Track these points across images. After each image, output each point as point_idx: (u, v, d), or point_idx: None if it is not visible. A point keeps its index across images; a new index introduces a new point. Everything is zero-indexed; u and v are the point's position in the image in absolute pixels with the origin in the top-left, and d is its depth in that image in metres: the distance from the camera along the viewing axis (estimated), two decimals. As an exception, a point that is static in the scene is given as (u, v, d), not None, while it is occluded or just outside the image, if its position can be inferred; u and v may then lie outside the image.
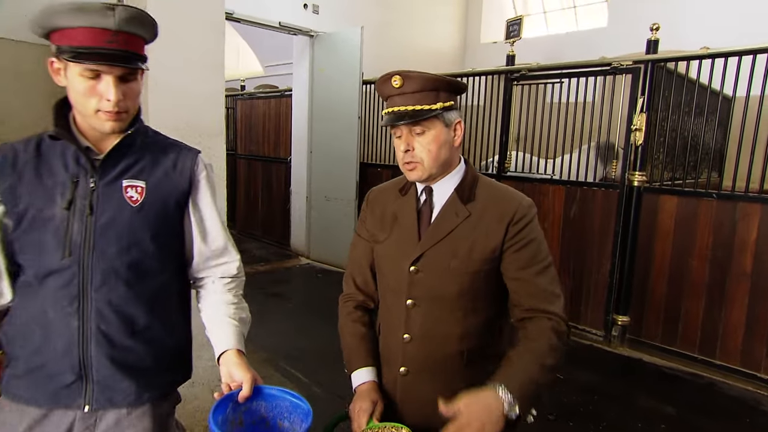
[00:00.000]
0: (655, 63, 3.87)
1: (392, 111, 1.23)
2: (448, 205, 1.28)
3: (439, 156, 1.24)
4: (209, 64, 2.20)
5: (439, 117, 1.22)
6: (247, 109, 8.02)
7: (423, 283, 1.27)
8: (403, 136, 1.24)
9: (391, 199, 1.39)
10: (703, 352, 3.74)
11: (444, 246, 1.25)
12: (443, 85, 1.22)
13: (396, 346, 1.32)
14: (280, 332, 4.24)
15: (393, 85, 1.22)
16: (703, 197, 3.70)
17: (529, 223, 1.25)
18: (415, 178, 1.27)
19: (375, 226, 1.39)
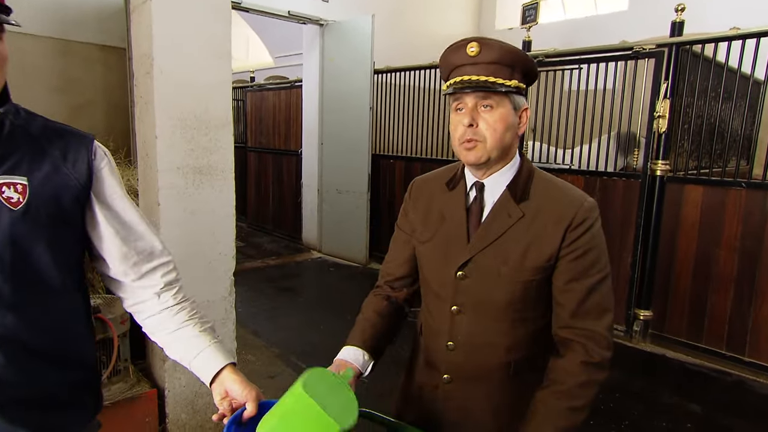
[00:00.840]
0: (679, 46, 3.75)
1: (460, 80, 1.13)
2: (500, 204, 1.19)
3: (504, 139, 1.14)
4: (215, 52, 2.16)
5: (510, 96, 1.13)
6: (257, 100, 8.00)
7: (470, 289, 1.20)
8: (467, 109, 1.14)
9: (437, 193, 1.29)
10: (731, 349, 3.64)
11: (494, 250, 1.17)
12: (520, 63, 1.13)
13: (439, 352, 1.27)
14: (291, 327, 4.22)
15: (468, 53, 1.12)
16: (731, 186, 3.59)
17: (590, 228, 1.14)
18: (473, 160, 1.15)
19: (418, 221, 1.31)
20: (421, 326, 1.36)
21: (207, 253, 2.25)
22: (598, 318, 1.13)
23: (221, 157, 2.21)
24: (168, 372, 2.27)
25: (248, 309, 4.53)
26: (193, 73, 2.11)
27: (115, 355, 2.20)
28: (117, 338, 2.18)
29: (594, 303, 1.13)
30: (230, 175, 2.25)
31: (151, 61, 2.04)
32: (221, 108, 2.19)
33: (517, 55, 1.12)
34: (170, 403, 2.31)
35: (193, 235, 2.20)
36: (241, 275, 5.89)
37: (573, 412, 1.10)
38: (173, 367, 2.27)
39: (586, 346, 1.12)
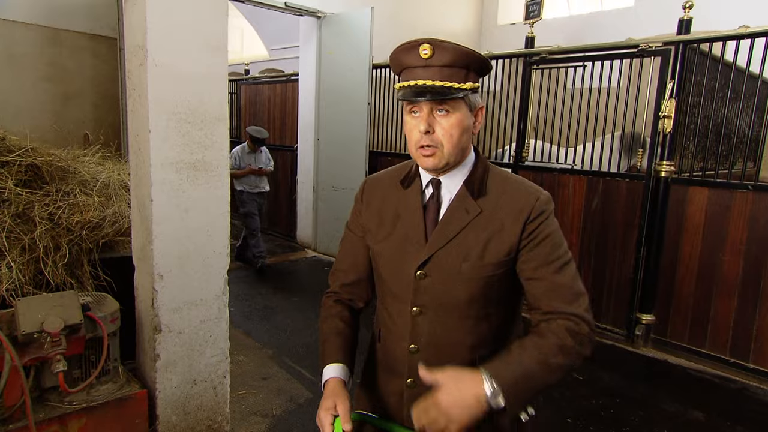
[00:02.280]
0: (687, 44, 3.77)
1: (413, 84, 1.12)
2: (458, 201, 1.20)
3: (461, 142, 1.15)
4: (212, 45, 2.16)
5: (466, 99, 1.14)
6: (252, 94, 7.99)
7: (430, 289, 1.20)
8: (422, 114, 1.13)
9: (391, 192, 1.29)
10: (734, 355, 3.67)
11: (453, 247, 1.18)
12: (475, 63, 1.13)
13: (401, 356, 1.26)
14: (285, 328, 4.23)
15: (420, 55, 1.11)
16: (738, 189, 3.61)
17: (547, 218, 1.17)
18: (430, 166, 1.17)
19: (372, 221, 1.31)
20: (379, 332, 1.35)
21: (201, 251, 2.25)
22: (572, 302, 1.14)
23: (216, 153, 2.21)
24: (159, 372, 2.28)
25: (241, 309, 4.53)
26: (188, 66, 2.11)
27: (105, 355, 2.20)
28: (107, 337, 2.18)
29: (567, 286, 1.14)
30: (225, 172, 2.25)
31: (145, 52, 2.04)
32: (217, 102, 2.19)
33: (471, 55, 1.11)
34: (161, 405, 2.32)
35: (187, 232, 2.20)
36: (234, 274, 5.89)
37: (545, 366, 1.07)
38: (164, 367, 2.28)
39: (569, 320, 1.12)
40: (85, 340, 2.13)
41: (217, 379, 2.44)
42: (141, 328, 2.37)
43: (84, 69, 4.26)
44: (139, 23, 2.07)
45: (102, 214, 2.80)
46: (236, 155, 5.76)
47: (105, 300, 2.31)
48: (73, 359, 2.14)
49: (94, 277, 2.71)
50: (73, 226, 2.67)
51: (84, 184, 2.97)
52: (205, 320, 2.33)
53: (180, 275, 2.22)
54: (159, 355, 2.25)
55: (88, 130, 4.27)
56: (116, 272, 2.72)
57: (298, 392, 3.20)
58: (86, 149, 3.49)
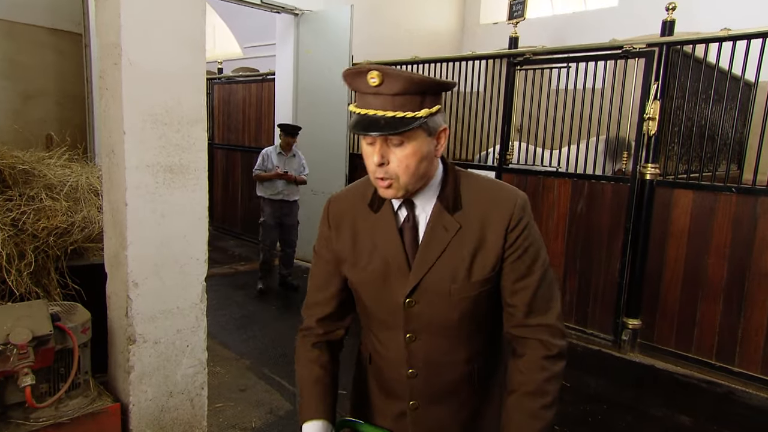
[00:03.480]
0: (670, 46, 3.88)
1: (365, 114, 1.09)
2: (434, 219, 1.19)
3: (418, 171, 1.12)
4: (189, 43, 2.16)
5: (423, 126, 1.09)
6: (225, 94, 7.94)
7: (421, 315, 1.21)
8: (376, 145, 1.11)
9: (361, 216, 1.26)
10: (720, 359, 3.78)
11: (439, 270, 1.18)
12: (430, 88, 1.09)
13: (400, 381, 1.29)
14: (263, 337, 4.21)
15: (368, 83, 1.07)
16: (722, 191, 3.73)
17: (527, 225, 1.18)
18: (389, 196, 1.16)
19: (346, 250, 1.27)
20: (369, 356, 1.36)
21: (178, 257, 2.24)
22: (548, 310, 1.20)
23: (194, 156, 2.20)
24: (133, 385, 2.26)
25: (216, 318, 4.50)
26: (165, 65, 2.10)
27: (75, 367, 2.18)
28: (78, 348, 2.16)
29: (543, 297, 1.19)
30: (203, 175, 2.25)
31: (119, 51, 2.03)
32: (194, 103, 2.19)
33: (423, 82, 1.07)
34: (134, 419, 2.29)
35: (163, 237, 2.19)
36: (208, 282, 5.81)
37: (545, 409, 1.17)
38: (139, 379, 2.26)
39: (542, 341, 1.18)
40: (54, 352, 2.10)
41: (195, 390, 2.43)
42: (113, 339, 2.34)
43: (45, 66, 4.19)
44: (112, 20, 2.07)
45: (70, 220, 2.77)
46: (264, 155, 5.37)
47: (75, 309, 2.28)
48: (41, 372, 2.10)
49: (62, 285, 2.67)
50: (39, 232, 2.64)
51: (50, 188, 2.92)
52: (182, 329, 2.32)
53: (156, 283, 2.21)
54: (133, 366, 2.23)
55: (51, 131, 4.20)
56: (86, 281, 2.68)
57: (278, 404, 3.20)
58: (51, 151, 3.44)
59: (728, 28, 3.68)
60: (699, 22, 4.68)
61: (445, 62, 5.53)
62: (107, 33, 2.13)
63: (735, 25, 3.71)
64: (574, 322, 4.47)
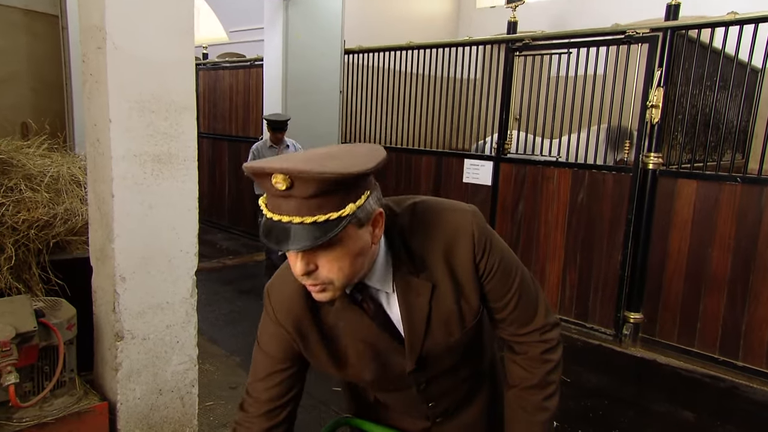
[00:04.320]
0: (675, 30, 3.90)
1: (277, 221, 0.91)
2: (403, 291, 1.10)
3: (355, 269, 0.99)
4: (177, 27, 2.15)
5: (353, 221, 0.94)
6: (211, 80, 7.90)
7: (428, 372, 1.22)
8: (297, 253, 0.94)
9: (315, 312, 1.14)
10: (724, 353, 3.84)
11: (434, 335, 1.14)
12: (353, 182, 0.92)
13: (421, 412, 1.35)
14: (253, 333, 4.18)
15: (274, 186, 0.89)
16: (726, 181, 3.77)
17: (491, 242, 1.12)
18: (327, 300, 1.04)
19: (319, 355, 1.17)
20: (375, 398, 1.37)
21: (167, 251, 2.24)
22: (535, 314, 1.22)
23: (183, 145, 2.20)
24: (121, 383, 2.26)
25: (205, 314, 4.49)
26: (152, 50, 2.09)
27: (61, 365, 2.18)
28: (63, 345, 2.16)
29: (527, 304, 1.21)
30: (193, 165, 2.25)
31: (103, 34, 2.02)
32: (183, 89, 2.18)
33: (342, 180, 0.89)
34: (122, 418, 2.30)
35: (152, 230, 2.19)
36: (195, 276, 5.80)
37: (549, 399, 1.23)
38: (127, 376, 2.26)
39: (539, 340, 1.23)
40: (39, 349, 2.10)
41: (185, 388, 2.44)
42: (100, 335, 2.34)
43: (18, 49, 4.12)
44: (95, 1, 2.05)
45: (52, 212, 2.75)
46: (255, 151, 5.32)
47: (60, 305, 2.28)
48: (24, 371, 2.10)
49: (45, 280, 2.66)
50: (19, 224, 2.62)
51: (29, 178, 2.90)
52: (172, 325, 2.33)
53: (144, 277, 2.20)
54: (121, 363, 2.23)
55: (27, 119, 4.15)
56: (69, 275, 2.68)
57: (270, 402, 3.20)
58: (28, 140, 3.41)
59: (735, 11, 3.70)
60: (704, 5, 4.70)
61: (441, 48, 5.52)
62: (89, 15, 2.11)
63: (742, 8, 3.75)
64: (574, 316, 4.51)
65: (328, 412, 3.01)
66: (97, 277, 2.33)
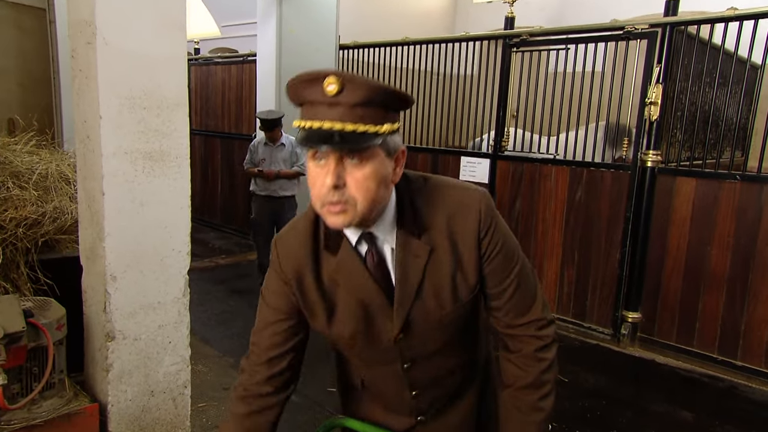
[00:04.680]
0: (674, 26, 3.92)
1: (317, 128, 0.97)
2: (402, 249, 1.13)
3: (377, 196, 1.03)
4: (169, 22, 2.14)
5: (383, 144, 1.01)
6: (203, 76, 7.88)
7: (415, 346, 1.22)
8: (329, 165, 0.99)
9: (318, 263, 1.18)
10: (723, 353, 3.86)
11: (424, 301, 1.15)
12: (394, 100, 1.01)
13: (404, 402, 1.33)
14: (245, 334, 4.19)
15: (324, 90, 0.96)
16: (725, 179, 3.79)
17: (497, 224, 1.15)
18: (339, 225, 1.04)
19: (310, 302, 1.20)
20: (361, 382, 1.36)
21: (158, 249, 2.24)
22: (532, 305, 1.22)
23: (175, 142, 2.20)
24: (112, 384, 2.26)
25: (197, 314, 4.48)
26: (144, 45, 2.08)
27: (50, 366, 2.17)
28: (52, 346, 2.15)
29: (525, 294, 1.21)
30: (185, 162, 2.25)
31: (93, 29, 2.01)
32: (175, 85, 2.17)
33: (390, 93, 1.00)
34: (113, 420, 2.30)
35: (143, 228, 2.19)
36: (186, 276, 5.80)
37: (544, 399, 1.22)
38: (118, 378, 2.26)
39: (533, 335, 1.22)
40: (27, 350, 2.09)
41: (177, 389, 2.43)
42: (91, 336, 2.34)
43: (5, 44, 4.09)
44: (85, -4, 2.04)
45: (41, 210, 2.75)
46: (252, 148, 5.17)
47: (49, 305, 2.27)
48: (12, 372, 2.09)
49: (33, 280, 2.65)
50: (7, 223, 2.61)
51: (17, 176, 2.90)
52: (164, 325, 2.33)
53: (136, 276, 2.20)
54: (112, 364, 2.23)
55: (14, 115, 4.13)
56: (58, 275, 2.67)
57: (264, 403, 3.20)
58: (15, 136, 3.39)
59: (735, 7, 3.71)
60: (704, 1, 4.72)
61: (437, 43, 5.52)
62: (78, 9, 2.11)
63: (742, 4, 3.76)
64: (572, 316, 4.53)
65: (322, 413, 3.01)
66: (87, 276, 2.33)
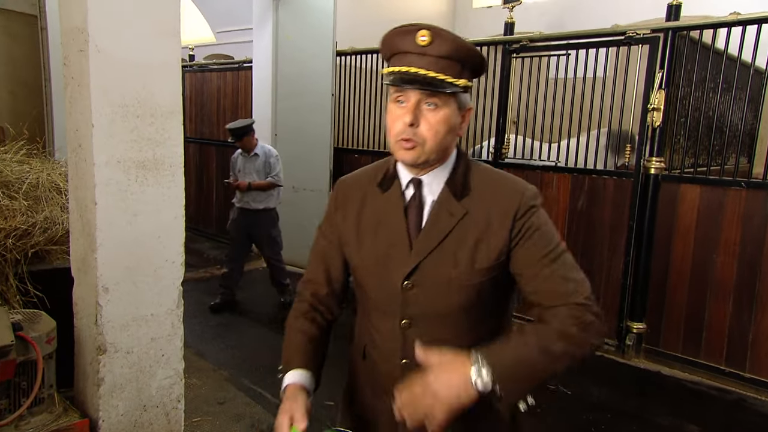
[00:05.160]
0: (676, 31, 3.94)
1: (406, 71, 1.15)
2: (440, 203, 1.24)
3: (444, 141, 1.20)
4: (163, 29, 2.15)
5: (456, 96, 1.18)
6: (198, 83, 7.90)
7: (419, 299, 1.23)
8: (409, 105, 1.16)
9: (369, 195, 1.32)
10: (730, 364, 3.84)
11: (441, 254, 1.22)
12: (472, 61, 1.18)
13: (393, 373, 1.28)
14: (241, 346, 4.20)
15: (417, 41, 1.15)
16: (731, 186, 3.80)
17: (536, 212, 1.22)
18: (408, 160, 1.20)
19: (349, 229, 1.33)
20: (364, 349, 1.37)
21: (152, 260, 2.23)
22: (574, 290, 1.17)
23: (169, 151, 2.19)
24: (103, 399, 2.24)
25: (191, 326, 4.47)
26: (137, 52, 2.09)
27: (39, 381, 2.16)
28: (42, 360, 2.14)
29: (563, 277, 1.18)
30: (179, 171, 2.24)
31: (85, 36, 2.02)
32: (169, 93, 2.17)
33: (470, 50, 1.17)
34: (105, 436, 2.28)
35: (136, 239, 2.18)
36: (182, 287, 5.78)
37: (544, 353, 1.11)
38: (109, 392, 2.24)
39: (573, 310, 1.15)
40: (16, 364, 2.08)
41: (171, 404, 2.42)
42: (81, 349, 2.33)
43: (-6, 50, 4.10)
44: (77, 2, 2.05)
45: (31, 220, 2.74)
46: (232, 159, 5.15)
47: (39, 318, 2.26)
48: (0, 387, 2.09)
49: (23, 292, 2.64)
50: (-4, 234, 2.61)
51: (7, 185, 2.89)
52: (157, 338, 2.31)
53: (128, 288, 2.19)
54: (103, 378, 2.21)
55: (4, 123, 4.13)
56: (49, 286, 2.66)
57: (260, 417, 3.19)
58: (5, 145, 3.40)
59: (738, 12, 3.74)
60: (707, 5, 4.76)
61: (436, 49, 5.53)
62: (71, 16, 2.11)
63: (745, 8, 3.78)
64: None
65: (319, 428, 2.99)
66: (78, 288, 2.32)
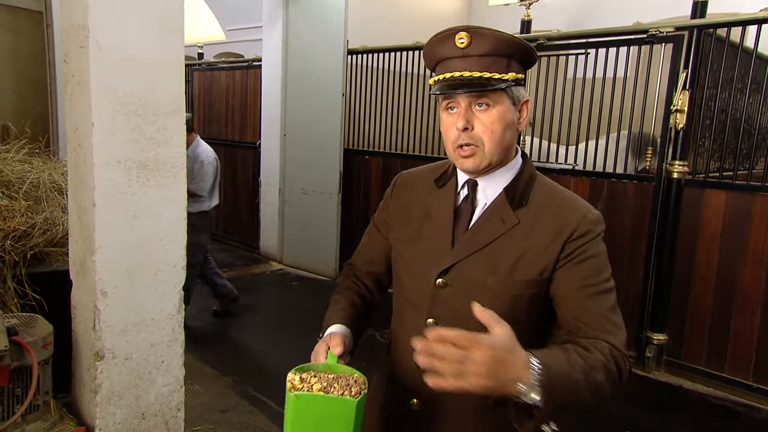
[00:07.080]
0: (702, 29, 3.88)
1: (449, 77, 1.16)
2: (494, 208, 1.23)
3: (503, 140, 1.19)
4: (166, 25, 2.14)
5: (508, 91, 1.17)
6: (207, 82, 7.94)
7: (449, 300, 1.22)
8: (460, 110, 1.17)
9: (424, 190, 1.35)
10: (758, 379, 3.77)
11: (481, 258, 1.20)
12: (518, 52, 1.17)
13: (409, 371, 1.25)
14: (247, 352, 4.20)
15: (456, 45, 1.16)
16: (759, 191, 3.73)
17: (593, 239, 1.18)
18: (470, 168, 1.20)
19: (399, 219, 1.37)
20: (389, 343, 1.40)
21: (152, 264, 2.22)
22: (613, 332, 1.13)
23: (171, 150, 2.18)
24: (100, 406, 2.23)
25: (194, 331, 4.48)
26: (139, 49, 2.08)
27: (34, 387, 2.15)
28: (37, 366, 2.13)
29: (603, 315, 1.14)
30: (181, 172, 2.23)
31: (86, 32, 2.01)
32: (171, 91, 2.16)
33: (513, 43, 1.16)
34: (102, 445, 2.27)
35: (136, 241, 2.17)
36: (185, 291, 5.79)
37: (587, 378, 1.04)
38: (107, 399, 2.23)
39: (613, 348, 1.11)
40: (11, 370, 2.08)
41: (170, 412, 2.41)
42: (79, 355, 2.32)
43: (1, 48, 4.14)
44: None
45: (31, 221, 2.75)
46: None
47: (35, 322, 2.26)
48: (-6, 393, 2.09)
49: (20, 295, 2.64)
50: (-5, 235, 2.62)
51: (7, 185, 2.91)
52: (157, 343, 2.30)
53: (128, 291, 2.18)
54: (100, 385, 2.20)
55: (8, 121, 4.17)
56: (47, 289, 2.66)
57: (264, 426, 3.18)
58: (8, 144, 3.42)
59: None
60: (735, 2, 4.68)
61: (451, 47, 5.51)
62: (72, 12, 2.11)
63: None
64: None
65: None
66: (76, 291, 2.32)
